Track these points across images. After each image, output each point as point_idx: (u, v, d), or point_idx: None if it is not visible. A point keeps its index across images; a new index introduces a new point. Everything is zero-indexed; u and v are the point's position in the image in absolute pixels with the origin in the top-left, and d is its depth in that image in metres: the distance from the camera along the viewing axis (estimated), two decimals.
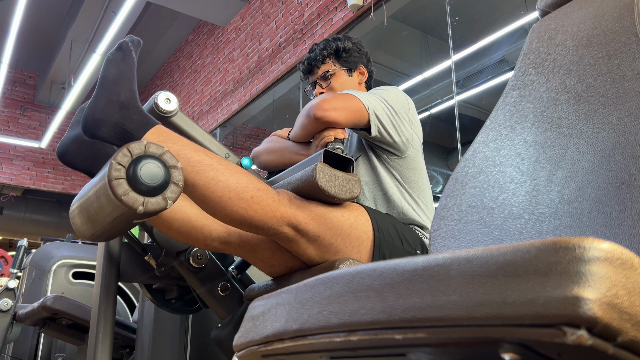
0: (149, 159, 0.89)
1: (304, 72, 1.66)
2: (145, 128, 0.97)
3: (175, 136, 1.01)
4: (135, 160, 0.88)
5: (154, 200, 0.88)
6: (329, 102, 1.30)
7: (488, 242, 0.72)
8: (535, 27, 0.84)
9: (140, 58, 8.30)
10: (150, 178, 0.88)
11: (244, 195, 1.02)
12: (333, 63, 1.60)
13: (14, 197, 9.09)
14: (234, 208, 1.02)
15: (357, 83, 1.63)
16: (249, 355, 0.54)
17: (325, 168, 1.14)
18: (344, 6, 4.44)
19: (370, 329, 0.39)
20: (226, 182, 1.01)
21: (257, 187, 1.05)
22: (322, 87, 1.60)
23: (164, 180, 0.89)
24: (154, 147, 0.91)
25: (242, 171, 1.05)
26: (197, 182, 0.99)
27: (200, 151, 1.01)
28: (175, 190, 0.90)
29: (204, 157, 1.01)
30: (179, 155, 0.97)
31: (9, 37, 6.03)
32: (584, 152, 0.65)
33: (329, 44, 1.61)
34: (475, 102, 5.89)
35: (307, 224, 1.11)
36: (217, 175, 1.00)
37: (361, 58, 1.64)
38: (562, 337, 0.29)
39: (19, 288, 2.87)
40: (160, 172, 0.89)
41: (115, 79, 0.97)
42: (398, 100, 1.45)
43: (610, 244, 0.31)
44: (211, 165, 1.00)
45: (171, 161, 0.92)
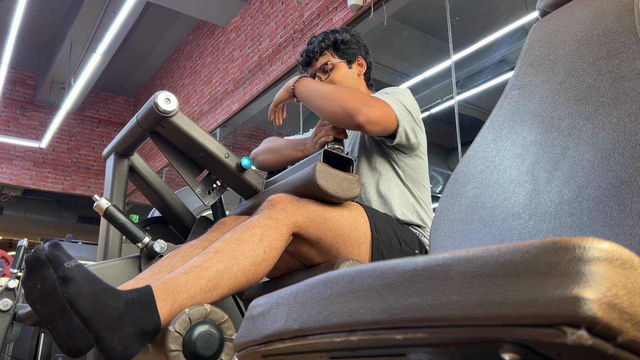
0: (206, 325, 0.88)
1: (302, 64, 1.65)
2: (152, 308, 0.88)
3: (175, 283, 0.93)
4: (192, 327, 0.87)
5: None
6: (373, 112, 1.27)
7: (488, 242, 0.72)
8: (535, 27, 0.84)
9: (140, 58, 8.30)
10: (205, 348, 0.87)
11: (259, 259, 1.02)
12: (332, 55, 1.59)
13: (14, 197, 9.09)
14: (261, 274, 1.03)
15: (357, 75, 1.62)
16: (249, 355, 0.54)
17: (325, 168, 1.14)
18: (344, 6, 4.44)
19: (370, 329, 0.39)
20: (241, 269, 0.99)
21: (258, 239, 1.04)
22: (321, 79, 1.59)
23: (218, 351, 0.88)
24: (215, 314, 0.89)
25: (236, 240, 1.03)
26: (223, 293, 0.97)
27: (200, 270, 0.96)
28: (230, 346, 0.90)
29: (206, 272, 0.96)
30: (193, 296, 0.92)
31: (9, 37, 6.02)
32: (584, 152, 0.65)
33: (327, 36, 1.60)
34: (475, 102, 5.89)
35: (308, 227, 1.11)
36: (229, 272, 0.98)
37: (359, 50, 1.63)
38: (562, 337, 0.29)
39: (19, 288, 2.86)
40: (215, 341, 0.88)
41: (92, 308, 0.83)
42: (414, 104, 1.45)
43: (610, 244, 0.31)
44: (218, 271, 0.97)
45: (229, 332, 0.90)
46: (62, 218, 9.58)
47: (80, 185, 8.92)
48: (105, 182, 1.51)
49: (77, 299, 0.83)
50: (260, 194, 1.33)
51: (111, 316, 0.84)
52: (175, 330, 0.86)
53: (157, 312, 0.87)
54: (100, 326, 0.83)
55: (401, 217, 1.42)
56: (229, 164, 1.29)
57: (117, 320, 0.84)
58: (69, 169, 8.89)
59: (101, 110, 9.50)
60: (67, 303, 0.84)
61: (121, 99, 9.73)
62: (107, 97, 9.58)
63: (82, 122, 9.25)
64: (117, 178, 1.48)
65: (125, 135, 1.39)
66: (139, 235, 1.32)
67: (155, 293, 0.89)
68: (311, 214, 1.13)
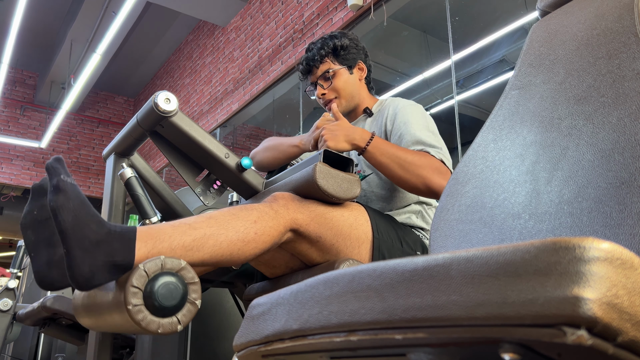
0: (166, 276, 0.86)
1: (303, 73, 1.63)
2: (131, 247, 0.88)
3: (158, 232, 0.93)
4: (152, 280, 0.85)
5: (185, 310, 0.86)
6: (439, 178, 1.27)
7: (488, 242, 0.72)
8: (535, 27, 0.84)
9: (140, 58, 8.30)
10: (168, 298, 0.85)
11: (248, 238, 1.01)
12: (332, 62, 1.58)
13: (14, 197, 9.09)
14: (246, 254, 1.02)
15: (358, 80, 1.61)
16: (249, 355, 0.54)
17: (325, 168, 1.14)
18: (344, 6, 4.44)
19: (370, 329, 0.39)
20: (228, 240, 0.98)
21: (253, 219, 1.03)
22: (323, 87, 1.58)
23: (183, 290, 0.87)
24: (171, 263, 0.87)
25: (232, 215, 1.02)
26: (203, 257, 0.96)
27: (188, 229, 0.96)
28: (195, 289, 0.88)
29: (194, 232, 0.96)
30: (173, 249, 0.92)
31: (9, 37, 6.02)
32: (584, 152, 0.65)
33: (326, 42, 1.58)
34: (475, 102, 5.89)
35: (308, 225, 1.11)
36: (216, 240, 0.97)
37: (359, 54, 1.62)
38: (562, 337, 0.29)
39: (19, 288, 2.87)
40: (178, 290, 0.86)
41: (73, 223, 0.84)
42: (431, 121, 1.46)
43: (610, 244, 0.31)
44: (205, 235, 0.96)
45: (189, 276, 0.88)
46: None
47: (80, 185, 8.92)
48: (105, 182, 1.51)
49: (62, 210, 0.84)
50: (260, 194, 1.33)
51: (89, 238, 0.84)
52: (144, 269, 0.85)
53: (134, 251, 0.88)
54: (75, 244, 0.84)
55: (406, 221, 1.43)
56: (229, 164, 1.29)
57: (93, 244, 0.85)
58: (69, 169, 8.87)
59: (101, 110, 9.50)
60: (51, 212, 0.85)
61: (121, 99, 9.73)
62: (107, 97, 9.58)
63: (82, 122, 9.25)
64: (117, 178, 1.48)
65: (125, 135, 1.39)
66: (150, 213, 1.33)
67: (138, 234, 0.90)
68: (312, 213, 1.13)
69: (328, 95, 1.58)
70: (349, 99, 1.59)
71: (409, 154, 1.31)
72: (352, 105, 1.60)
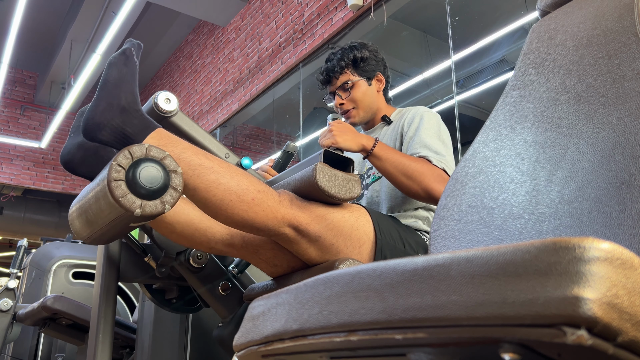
0: (149, 162, 0.89)
1: (323, 83, 1.65)
2: (146, 132, 0.97)
3: (176, 139, 1.00)
4: (135, 163, 0.88)
5: (152, 203, 0.88)
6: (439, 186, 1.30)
7: (488, 242, 0.72)
8: (535, 27, 0.84)
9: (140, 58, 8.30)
10: (150, 181, 0.88)
11: (245, 198, 1.02)
12: (351, 73, 1.60)
13: (14, 197, 9.09)
14: (235, 210, 1.02)
15: (376, 91, 1.64)
16: (249, 355, 0.54)
17: (325, 168, 1.14)
18: (344, 6, 4.44)
19: (370, 329, 0.39)
20: (227, 185, 1.00)
21: (258, 189, 1.04)
22: (341, 97, 1.60)
23: (163, 184, 0.89)
24: (155, 151, 0.91)
25: (243, 173, 1.05)
26: (198, 185, 0.99)
27: (201, 154, 1.01)
28: (173, 194, 0.90)
29: (204, 160, 1.00)
30: (180, 158, 0.97)
31: (9, 37, 6.02)
32: (584, 152, 0.65)
33: (346, 53, 1.60)
34: (475, 102, 5.89)
35: (308, 225, 1.11)
36: (217, 178, 1.00)
37: (378, 66, 1.64)
38: (562, 337, 0.29)
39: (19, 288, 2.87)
40: (159, 175, 0.89)
41: (117, 82, 0.96)
42: (445, 131, 1.48)
43: (610, 244, 0.31)
44: (212, 168, 1.00)
45: (171, 165, 0.92)
46: (62, 218, 9.58)
47: (80, 185, 8.92)
48: None
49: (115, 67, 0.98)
50: None
51: (119, 100, 0.96)
52: (129, 151, 0.89)
53: (145, 137, 0.97)
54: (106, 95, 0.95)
55: (411, 224, 1.44)
56: None
57: (119, 107, 0.95)
58: None
59: None
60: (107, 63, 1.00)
61: None
62: None
63: None
64: None
65: None
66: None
67: (158, 131, 0.99)
68: (313, 213, 1.13)
69: (346, 105, 1.61)
70: (366, 109, 1.62)
71: (411, 162, 1.34)
72: (370, 115, 1.64)
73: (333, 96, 1.64)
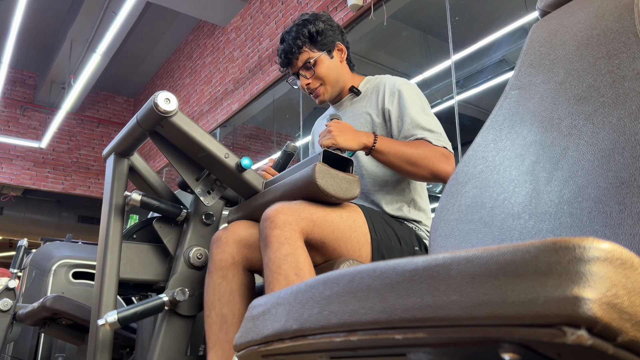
0: None
1: (282, 65, 1.57)
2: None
3: None
4: None
5: None
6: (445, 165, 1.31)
7: (488, 242, 0.72)
8: (535, 27, 0.84)
9: (140, 58, 8.30)
10: None
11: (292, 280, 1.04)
12: (310, 50, 1.51)
13: (14, 197, 9.09)
14: None
15: (339, 62, 1.56)
16: (249, 355, 0.54)
17: (324, 168, 1.14)
18: (344, 6, 4.44)
19: (370, 329, 0.39)
20: None
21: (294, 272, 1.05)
22: (306, 77, 1.53)
23: None
24: None
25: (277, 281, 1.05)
26: None
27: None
28: None
29: None
30: None
31: (9, 37, 6.02)
32: (584, 152, 0.65)
33: (301, 30, 1.51)
34: (475, 102, 5.89)
35: (312, 231, 1.11)
36: None
37: (335, 35, 1.55)
38: (562, 337, 0.29)
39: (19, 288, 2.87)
40: None
41: None
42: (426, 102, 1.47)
43: (610, 244, 0.31)
44: None
45: None
46: (62, 218, 9.58)
47: (80, 185, 8.92)
48: (105, 182, 1.51)
49: None
50: (260, 194, 1.33)
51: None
52: None
53: None
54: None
55: (397, 213, 1.42)
56: (228, 164, 1.29)
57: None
58: (69, 169, 8.89)
59: (101, 110, 9.50)
60: None
61: (121, 99, 9.73)
62: (107, 97, 9.58)
63: (82, 122, 9.25)
64: (117, 178, 1.48)
65: (125, 135, 1.39)
66: (176, 211, 1.48)
67: None
68: (312, 216, 1.12)
69: (312, 84, 1.54)
70: (333, 84, 1.55)
71: (413, 149, 1.32)
72: (338, 89, 1.57)
73: (297, 77, 1.56)
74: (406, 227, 1.38)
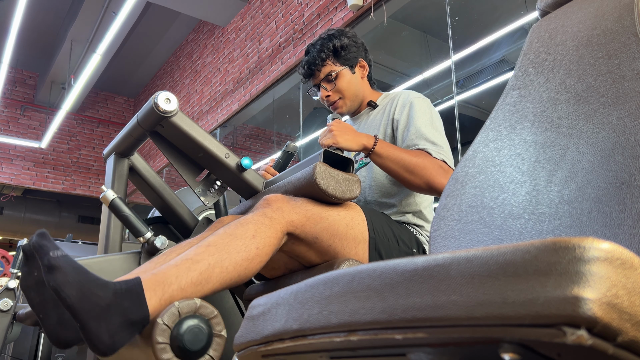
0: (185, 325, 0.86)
1: (305, 76, 1.62)
2: (141, 300, 0.87)
3: (163, 276, 0.92)
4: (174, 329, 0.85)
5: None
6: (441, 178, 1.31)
7: (488, 242, 0.72)
8: (535, 27, 0.84)
9: (140, 58, 8.30)
10: (194, 343, 0.85)
11: (251, 255, 1.02)
12: (333, 63, 1.57)
13: (14, 197, 9.09)
14: (253, 270, 1.03)
15: (360, 78, 1.61)
16: (249, 355, 0.54)
17: (325, 168, 1.14)
18: (344, 6, 4.44)
19: (370, 329, 0.39)
20: (232, 263, 0.99)
21: (251, 234, 1.03)
22: (326, 89, 1.58)
23: (207, 338, 0.87)
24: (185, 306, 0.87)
25: (230, 235, 1.02)
26: (214, 287, 0.96)
27: (191, 263, 0.95)
28: (219, 342, 0.88)
29: (198, 265, 0.95)
30: (183, 288, 0.92)
31: (9, 37, 6.02)
32: (584, 152, 0.65)
33: (326, 44, 1.57)
34: (475, 102, 5.89)
35: (304, 226, 1.11)
36: (221, 266, 0.97)
37: (359, 51, 1.61)
38: (562, 337, 0.29)
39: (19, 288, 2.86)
40: (200, 331, 0.86)
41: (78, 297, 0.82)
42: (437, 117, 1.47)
43: (610, 244, 0.31)
44: (209, 264, 0.96)
45: (207, 312, 0.88)
46: (62, 218, 9.58)
47: (81, 185, 8.92)
48: (105, 182, 1.51)
49: (63, 287, 0.82)
50: (260, 194, 1.33)
51: (98, 305, 0.83)
52: (163, 323, 0.84)
53: (146, 303, 0.87)
54: (86, 315, 0.82)
55: (400, 218, 1.43)
56: (229, 164, 1.29)
57: (104, 310, 0.83)
58: (69, 169, 8.89)
59: (101, 110, 9.50)
60: (53, 291, 0.83)
61: (121, 99, 9.73)
62: (107, 97, 9.58)
63: (82, 122, 9.25)
64: (117, 178, 1.48)
65: (126, 135, 1.39)
66: (142, 230, 1.32)
67: (144, 284, 0.88)
68: (307, 212, 1.13)
69: (332, 97, 1.59)
70: (353, 98, 1.60)
71: (412, 157, 1.33)
72: (357, 103, 1.62)
73: (318, 89, 1.61)
74: (406, 229, 1.38)
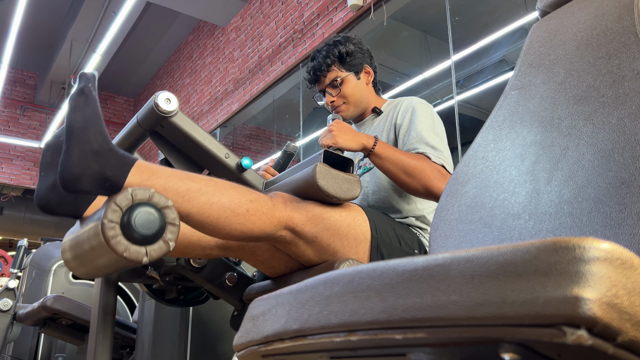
0: (139, 207, 0.86)
1: (311, 82, 1.64)
2: (126, 170, 0.91)
3: (157, 169, 0.96)
4: (126, 212, 0.85)
5: (156, 246, 0.85)
6: (439, 182, 1.31)
7: (488, 242, 0.72)
8: (535, 27, 0.84)
9: (140, 58, 8.30)
10: (146, 227, 0.85)
11: (239, 211, 1.01)
12: (339, 69, 1.58)
13: (14, 197, 9.09)
14: (232, 226, 1.01)
15: (365, 84, 1.63)
16: (249, 355, 0.54)
17: (325, 168, 1.14)
18: (344, 6, 4.44)
19: (370, 329, 0.39)
20: (219, 203, 0.99)
21: (250, 198, 1.04)
22: (332, 95, 1.60)
23: (161, 225, 0.86)
24: (141, 193, 0.87)
25: (232, 186, 1.03)
26: (190, 210, 0.97)
27: (186, 178, 0.98)
28: (173, 230, 0.87)
29: (191, 183, 0.98)
30: (166, 189, 0.94)
31: (9, 37, 6.02)
32: (584, 152, 0.65)
33: (331, 49, 1.59)
34: (475, 102, 5.88)
35: (304, 225, 1.11)
36: (208, 198, 0.98)
37: (364, 58, 1.63)
38: (562, 337, 0.29)
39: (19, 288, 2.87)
40: (154, 217, 0.86)
41: (82, 126, 0.88)
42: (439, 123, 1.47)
43: (610, 244, 0.31)
44: (200, 190, 0.98)
45: (161, 202, 0.88)
46: (61, 218, 9.57)
47: None
48: None
49: (77, 110, 0.88)
50: None
51: (90, 144, 0.87)
52: (115, 203, 0.85)
53: (127, 174, 0.90)
54: (76, 144, 0.86)
55: (404, 220, 1.44)
56: (229, 164, 1.29)
57: (92, 151, 0.87)
58: None
59: (101, 110, 9.50)
60: (68, 108, 0.89)
61: (121, 99, 9.73)
62: (107, 97, 9.58)
63: None
64: None
65: (126, 135, 1.39)
66: None
67: (137, 164, 0.92)
68: (309, 213, 1.13)
69: (337, 102, 1.60)
70: (357, 104, 1.61)
71: (411, 159, 1.34)
72: (360, 109, 1.63)
73: (323, 94, 1.63)
74: (409, 230, 1.38)
